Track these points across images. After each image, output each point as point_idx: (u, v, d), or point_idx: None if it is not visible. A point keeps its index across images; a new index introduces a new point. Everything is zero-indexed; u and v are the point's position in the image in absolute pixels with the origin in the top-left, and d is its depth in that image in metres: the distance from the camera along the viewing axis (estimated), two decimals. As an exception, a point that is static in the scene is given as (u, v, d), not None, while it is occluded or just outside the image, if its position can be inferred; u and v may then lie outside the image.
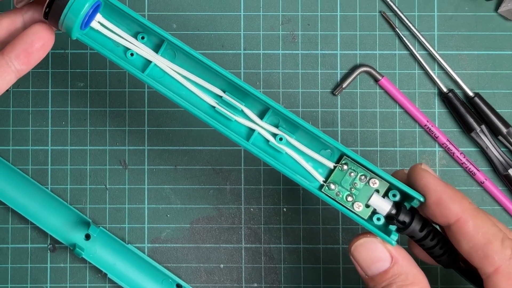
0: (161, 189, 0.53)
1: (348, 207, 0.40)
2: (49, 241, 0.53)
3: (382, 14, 0.53)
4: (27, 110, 0.53)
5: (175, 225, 0.53)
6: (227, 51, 0.53)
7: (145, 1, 0.53)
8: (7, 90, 0.53)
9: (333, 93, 0.53)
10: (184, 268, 0.53)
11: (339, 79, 0.53)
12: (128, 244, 0.53)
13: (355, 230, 0.53)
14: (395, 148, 0.53)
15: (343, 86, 0.53)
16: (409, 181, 0.40)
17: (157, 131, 0.53)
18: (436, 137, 0.52)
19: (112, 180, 0.53)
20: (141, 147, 0.53)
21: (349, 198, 0.40)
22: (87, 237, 0.52)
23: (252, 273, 0.53)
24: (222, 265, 0.53)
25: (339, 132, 0.53)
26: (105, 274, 0.52)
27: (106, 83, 0.53)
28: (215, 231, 0.53)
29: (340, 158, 0.41)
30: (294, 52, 0.53)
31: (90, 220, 0.52)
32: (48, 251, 0.53)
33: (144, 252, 0.53)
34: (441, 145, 0.53)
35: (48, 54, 0.52)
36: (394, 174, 0.41)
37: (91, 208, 0.53)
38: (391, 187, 0.40)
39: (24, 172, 0.53)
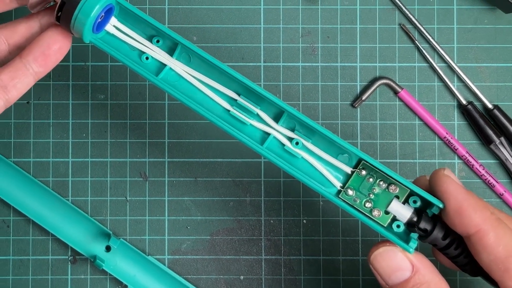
0: (181, 201, 0.53)
1: (366, 214, 0.39)
2: (69, 253, 0.53)
3: (401, 27, 0.53)
4: (48, 122, 0.53)
5: (195, 237, 0.53)
6: (247, 64, 0.53)
7: (165, 13, 0.53)
8: (27, 102, 0.53)
9: (352, 105, 0.53)
10: (204, 279, 0.53)
11: (358, 91, 0.53)
12: (148, 255, 0.53)
13: (375, 242, 0.52)
14: (415, 160, 0.53)
15: (363, 98, 0.53)
16: (431, 187, 0.39)
17: (178, 143, 0.53)
18: (456, 149, 0.53)
19: (132, 192, 0.53)
20: (161, 159, 0.53)
21: (368, 204, 0.39)
22: (108, 248, 0.52)
23: (272, 284, 0.53)
24: (242, 277, 0.53)
25: (359, 144, 0.53)
26: (126, 286, 0.52)
27: (127, 95, 0.53)
28: (235, 242, 0.53)
29: (358, 163, 0.40)
30: (314, 64, 0.53)
31: (111, 232, 0.53)
32: (69, 263, 0.53)
33: (164, 264, 0.53)
34: (460, 157, 0.53)
35: (68, 67, 0.52)
36: (416, 180, 0.40)
37: (111, 220, 0.53)
38: (412, 193, 0.39)
39: (45, 184, 0.53)
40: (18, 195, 0.53)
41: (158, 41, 0.42)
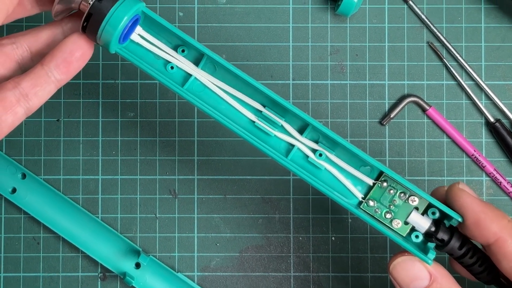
0: (211, 218, 0.54)
1: (386, 224, 0.40)
2: (99, 270, 0.53)
3: (429, 45, 0.54)
4: (78, 140, 0.54)
5: (225, 254, 0.53)
6: (276, 81, 0.54)
7: (195, 31, 0.54)
8: (57, 120, 0.54)
9: (381, 123, 0.53)
10: (233, 296, 0.53)
11: (387, 109, 0.54)
12: (178, 272, 0.53)
13: (403, 259, 0.53)
14: (443, 178, 0.53)
15: (391, 116, 0.53)
16: (447, 200, 0.40)
17: (207, 160, 0.54)
18: (483, 167, 0.53)
19: (162, 209, 0.54)
20: (190, 177, 0.54)
21: (388, 215, 0.40)
22: (137, 265, 0.53)
23: (301, 301, 0.53)
24: (271, 294, 0.53)
25: (387, 161, 0.53)
26: (155, 303, 0.53)
27: (156, 113, 0.54)
28: (264, 259, 0.53)
29: (379, 175, 0.41)
30: (343, 82, 0.54)
31: (140, 249, 0.53)
32: (99, 280, 0.53)
33: (193, 281, 0.53)
34: (488, 174, 0.53)
35: (98, 84, 0.52)
36: (435, 191, 0.41)
37: (141, 236, 0.53)
38: (431, 205, 0.40)
39: (75, 201, 0.53)
40: (48, 212, 0.53)
41: (183, 51, 0.41)
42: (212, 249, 0.53)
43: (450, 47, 0.53)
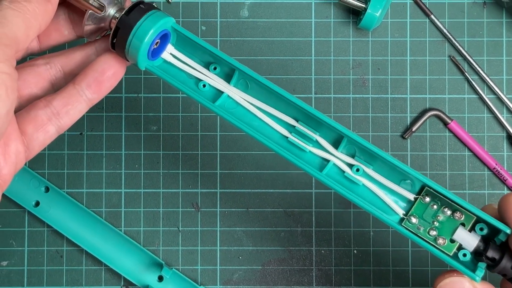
0: (233, 231, 0.54)
1: (431, 242, 0.38)
2: (122, 283, 0.54)
3: (451, 59, 0.54)
4: (101, 153, 0.54)
5: (247, 267, 0.54)
6: (298, 95, 0.54)
7: (217, 45, 0.54)
8: (80, 133, 0.54)
9: (403, 136, 0.54)
10: (255, 309, 0.54)
11: (409, 122, 0.54)
12: (200, 285, 0.53)
13: (425, 272, 0.53)
14: (464, 191, 0.53)
15: (413, 130, 0.53)
16: (500, 213, 0.37)
17: (229, 174, 0.54)
18: (505, 180, 0.53)
19: (184, 222, 0.54)
20: (213, 190, 0.54)
21: (432, 232, 0.38)
22: (160, 278, 0.53)
23: (323, 314, 0.53)
24: (293, 307, 0.54)
25: (409, 175, 0.53)
26: (178, 316, 0.53)
27: (179, 127, 0.54)
28: (286, 273, 0.54)
29: (421, 190, 0.38)
30: (365, 96, 0.54)
31: (163, 262, 0.53)
32: (122, 293, 0.54)
33: (216, 294, 0.53)
34: (510, 188, 0.53)
35: (121, 98, 0.53)
36: (483, 209, 0.38)
37: (164, 250, 0.54)
38: (479, 220, 0.37)
39: (98, 215, 0.54)
40: (71, 225, 0.53)
41: (215, 68, 0.41)
42: (235, 262, 0.54)
43: (471, 61, 0.53)
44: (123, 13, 0.38)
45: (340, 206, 0.53)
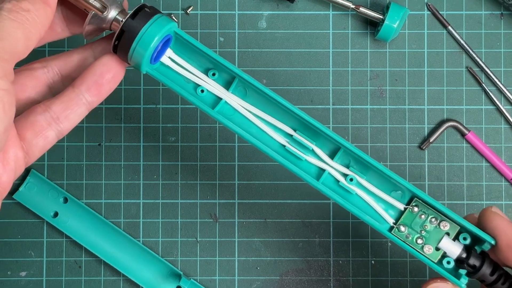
0: (251, 242, 0.54)
1: (418, 250, 0.40)
2: (140, 293, 0.54)
3: (468, 70, 0.54)
4: (119, 164, 0.54)
5: (265, 278, 0.54)
6: (316, 106, 0.54)
7: (235, 56, 0.54)
8: (99, 144, 0.54)
9: (420, 147, 0.54)
10: (273, 319, 0.54)
11: (426, 133, 0.54)
12: (218, 296, 0.53)
13: (442, 283, 0.53)
14: (482, 202, 0.54)
15: (431, 141, 0.53)
16: (480, 224, 0.40)
17: (247, 184, 0.54)
18: (522, 191, 0.53)
19: (202, 233, 0.54)
20: (231, 201, 0.54)
21: (419, 241, 0.40)
22: (178, 289, 0.53)
23: (341, 325, 0.54)
24: (311, 317, 0.54)
25: (426, 185, 0.54)
26: (197, 326, 0.53)
27: (197, 137, 0.54)
28: (304, 283, 0.54)
29: (410, 200, 0.41)
30: (382, 107, 0.54)
31: (181, 272, 0.53)
32: (140, 303, 0.54)
33: (234, 304, 0.54)
34: (527, 198, 0.54)
35: (139, 109, 0.53)
36: (466, 217, 0.41)
37: (182, 260, 0.54)
38: (462, 230, 0.40)
39: (116, 225, 0.54)
40: (90, 236, 0.53)
41: (214, 74, 0.41)
42: (253, 273, 0.54)
43: (489, 72, 0.54)
44: (128, 16, 0.38)
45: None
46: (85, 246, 0.53)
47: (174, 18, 0.54)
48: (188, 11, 0.54)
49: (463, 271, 0.39)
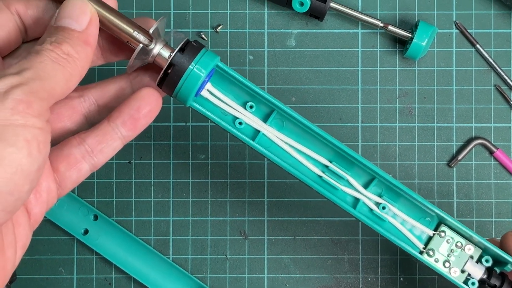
0: (281, 259, 0.54)
1: (446, 273, 0.43)
2: (170, 310, 0.54)
3: (497, 88, 0.54)
4: (149, 181, 0.54)
5: (294, 295, 0.54)
6: (345, 124, 0.54)
7: (265, 74, 0.54)
8: (129, 162, 0.54)
9: (449, 165, 0.54)
10: (302, 336, 0.54)
11: (454, 151, 0.54)
12: (248, 313, 0.54)
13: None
14: (510, 219, 0.54)
15: (459, 158, 0.54)
16: (502, 247, 0.42)
17: (277, 202, 0.54)
18: (550, 208, 0.54)
19: (232, 250, 0.54)
20: (261, 218, 0.54)
21: (447, 264, 0.43)
22: (208, 306, 0.53)
23: None
24: (340, 334, 0.54)
25: (455, 203, 0.54)
26: None
27: (227, 155, 0.54)
28: (333, 300, 0.54)
29: (438, 225, 0.43)
30: (411, 124, 0.54)
31: (211, 290, 0.54)
32: (170, 320, 0.54)
33: (264, 321, 0.54)
34: (555, 216, 0.54)
35: (169, 127, 0.53)
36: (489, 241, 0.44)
37: (211, 277, 0.54)
38: (484, 253, 0.43)
39: (146, 242, 0.54)
40: (120, 253, 0.54)
41: (251, 107, 0.42)
42: (282, 290, 0.54)
43: (517, 90, 0.54)
44: (176, 50, 0.38)
45: (387, 234, 0.54)
46: (115, 263, 0.54)
47: (204, 36, 0.54)
48: (217, 30, 0.54)
49: None
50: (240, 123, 0.41)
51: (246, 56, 0.55)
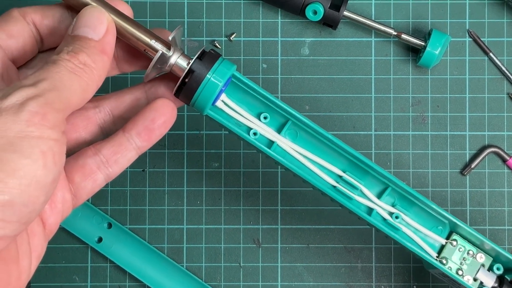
0: (294, 267, 0.54)
1: (459, 281, 0.44)
2: (184, 318, 0.54)
3: (509, 96, 0.54)
4: (163, 190, 0.54)
5: (308, 302, 0.54)
6: (358, 132, 0.54)
7: (278, 83, 0.55)
8: (143, 170, 0.54)
9: (462, 173, 0.54)
10: None
11: (467, 159, 0.54)
12: (261, 321, 0.54)
13: (484, 307, 0.54)
14: (523, 227, 0.54)
15: (472, 166, 0.54)
16: None
17: (290, 210, 0.54)
18: None
19: (246, 258, 0.54)
20: (274, 226, 0.54)
21: (460, 272, 0.44)
22: (222, 314, 0.53)
23: None
24: None
25: (468, 211, 0.54)
26: None
27: (240, 163, 0.54)
28: (346, 308, 0.54)
29: (450, 234, 0.44)
30: (424, 133, 0.54)
31: (225, 298, 0.54)
32: (184, 328, 0.54)
33: (277, 329, 0.54)
34: None
35: (183, 135, 0.53)
36: None
37: (225, 285, 0.54)
38: (494, 262, 0.44)
39: (160, 250, 0.54)
40: (133, 261, 0.54)
41: (265, 118, 0.42)
42: (296, 298, 0.54)
43: (530, 98, 0.54)
44: (195, 58, 0.38)
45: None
46: (129, 271, 0.54)
47: (217, 45, 0.54)
48: (231, 38, 0.55)
49: None
50: (255, 134, 0.41)
51: (259, 64, 0.55)
